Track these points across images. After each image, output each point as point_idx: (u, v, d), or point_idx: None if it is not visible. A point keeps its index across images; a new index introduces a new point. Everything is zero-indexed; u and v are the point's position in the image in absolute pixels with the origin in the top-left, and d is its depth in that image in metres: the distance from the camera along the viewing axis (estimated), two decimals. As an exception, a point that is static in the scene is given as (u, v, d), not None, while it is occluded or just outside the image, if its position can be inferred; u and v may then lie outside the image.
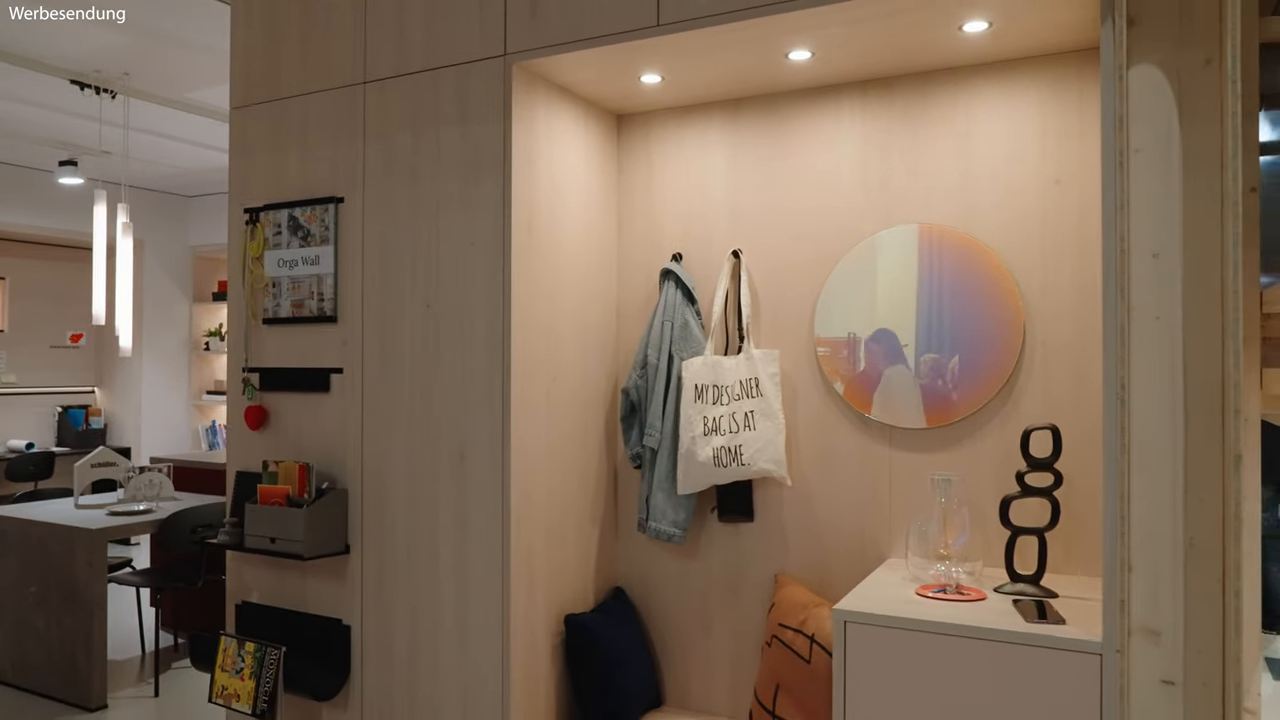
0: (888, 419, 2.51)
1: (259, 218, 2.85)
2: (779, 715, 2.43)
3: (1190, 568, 1.77)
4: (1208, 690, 1.76)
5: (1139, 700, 1.79)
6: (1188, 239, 1.78)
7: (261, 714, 2.59)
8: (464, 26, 2.49)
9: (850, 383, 2.56)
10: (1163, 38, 1.79)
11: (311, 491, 2.62)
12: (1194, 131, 1.77)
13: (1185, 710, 1.77)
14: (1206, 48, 1.76)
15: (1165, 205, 1.79)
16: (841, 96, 2.58)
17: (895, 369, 2.50)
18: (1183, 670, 1.77)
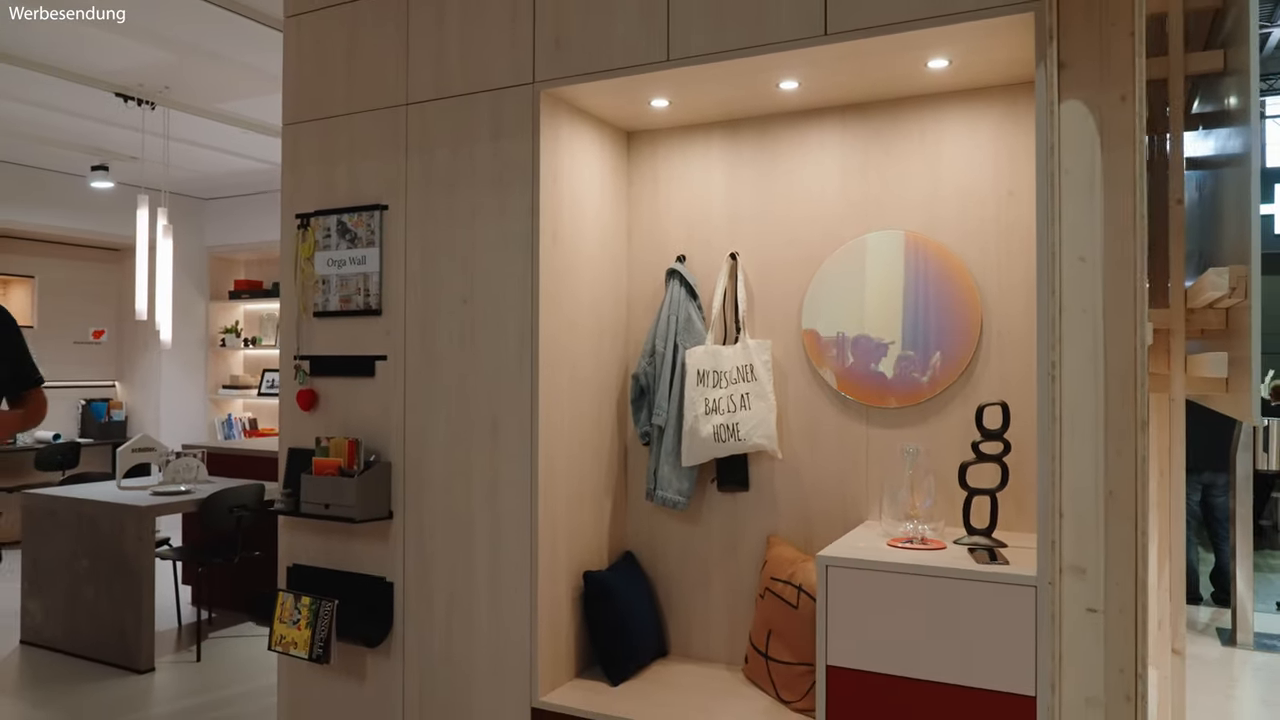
0: (865, 400, 2.88)
1: (309, 222, 3.21)
2: (771, 656, 2.80)
3: (1110, 514, 2.15)
4: (1124, 615, 2.13)
5: (1069, 625, 2.17)
6: (1107, 245, 2.16)
7: (317, 658, 2.95)
8: (497, 58, 2.86)
9: (835, 370, 2.93)
10: (1087, 79, 2.17)
11: (360, 463, 2.98)
12: (1112, 157, 2.15)
13: (1106, 632, 2.15)
14: (1122, 87, 2.14)
15: (1089, 217, 2.17)
16: (825, 119, 2.96)
17: (875, 359, 2.88)
18: (1104, 599, 2.15)
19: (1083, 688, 2.16)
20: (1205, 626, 4.86)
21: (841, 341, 2.93)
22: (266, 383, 7.82)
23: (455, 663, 2.90)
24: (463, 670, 2.88)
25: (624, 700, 2.76)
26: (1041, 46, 2.16)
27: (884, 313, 2.87)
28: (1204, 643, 4.59)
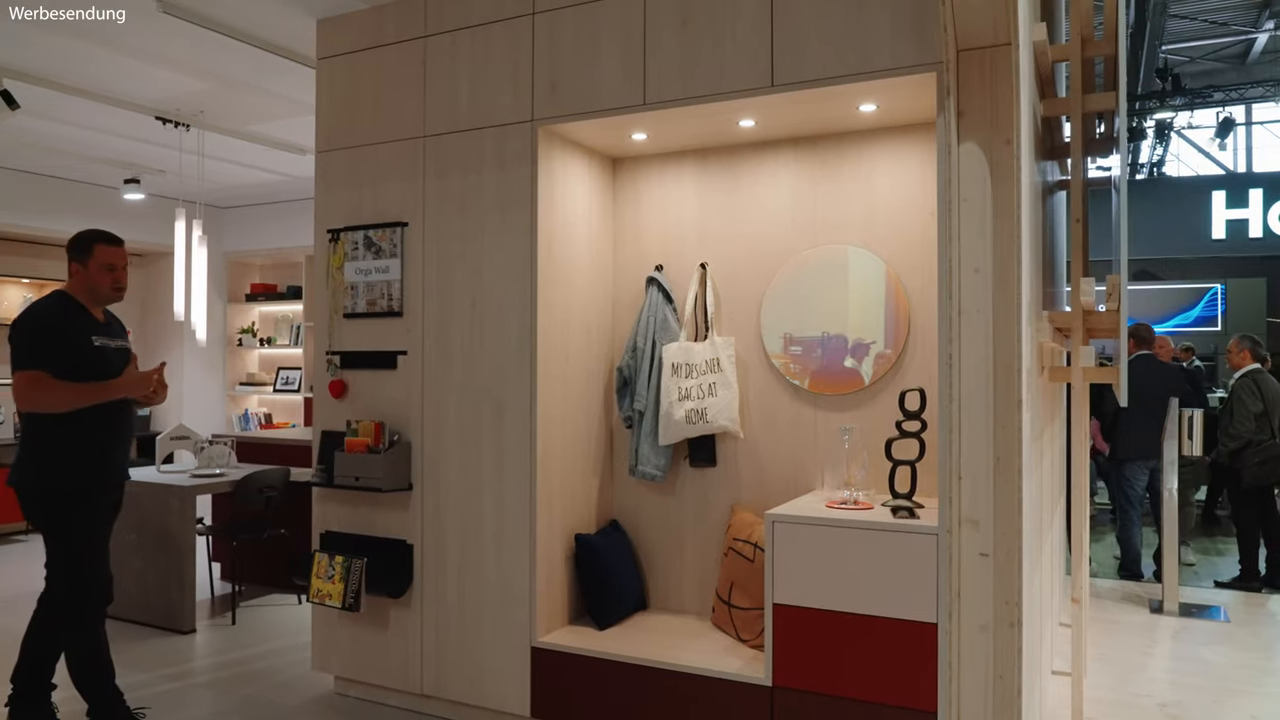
0: (814, 388, 3.41)
1: (340, 236, 3.72)
2: (733, 604, 3.32)
3: (997, 476, 2.66)
4: (1009, 559, 2.65)
5: (965, 567, 2.69)
6: (996, 260, 2.68)
7: (349, 607, 3.47)
8: (502, 99, 3.38)
9: (788, 361, 3.46)
10: (980, 125, 2.69)
11: (385, 442, 3.50)
12: (999, 188, 2.67)
13: (994, 572, 2.66)
14: (1007, 133, 2.65)
15: (981, 237, 2.68)
16: (779, 150, 3.49)
17: (823, 352, 3.40)
18: (993, 545, 2.66)
19: (977, 617, 2.68)
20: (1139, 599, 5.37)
21: (791, 338, 3.45)
22: (281, 380, 8.33)
23: (466, 611, 3.42)
24: (472, 617, 3.40)
25: (609, 641, 3.28)
26: (941, 99, 2.68)
27: (832, 312, 3.39)
28: (1135, 611, 5.11)
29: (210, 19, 3.88)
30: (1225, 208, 13.27)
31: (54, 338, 3.15)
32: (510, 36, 3.37)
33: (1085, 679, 3.85)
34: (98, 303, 3.35)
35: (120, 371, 3.29)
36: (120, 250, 3.35)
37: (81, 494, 3.18)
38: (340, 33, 3.75)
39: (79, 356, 3.18)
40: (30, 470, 3.18)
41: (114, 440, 3.29)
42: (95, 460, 3.22)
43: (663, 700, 3.05)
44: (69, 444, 3.17)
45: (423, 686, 3.50)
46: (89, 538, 3.19)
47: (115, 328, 3.44)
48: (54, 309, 3.25)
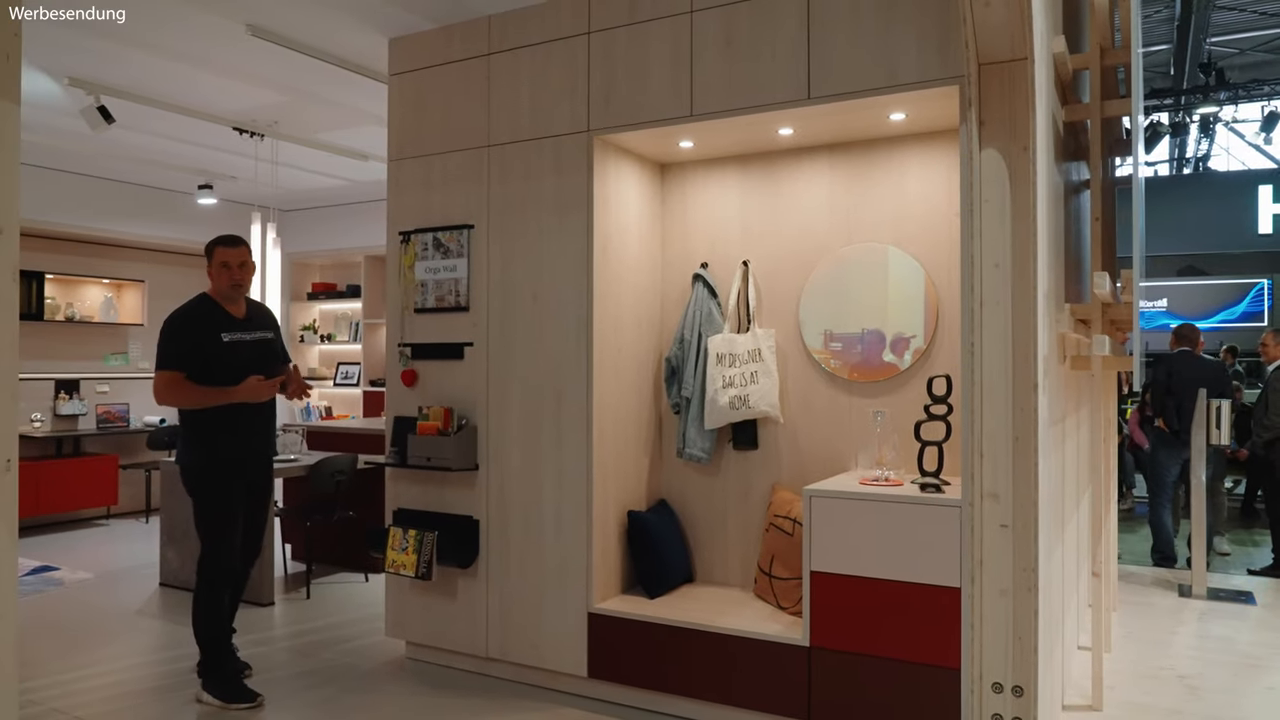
0: (849, 375, 3.67)
1: (410, 238, 4.06)
2: (774, 575, 3.60)
3: (1016, 454, 2.91)
4: (1026, 529, 2.89)
5: (986, 536, 2.94)
6: (1014, 256, 2.92)
7: (422, 576, 3.81)
8: (560, 111, 3.69)
9: (827, 352, 3.73)
10: (999, 133, 2.93)
11: (454, 426, 3.83)
12: (1017, 191, 2.91)
13: (1013, 541, 2.91)
14: (1024, 140, 2.90)
15: (1001, 235, 2.93)
16: (815, 155, 3.76)
17: (859, 343, 3.67)
18: (1012, 517, 2.91)
19: (998, 582, 2.93)
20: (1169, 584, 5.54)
21: (831, 334, 3.72)
22: (340, 374, 8.75)
23: (528, 580, 3.73)
24: (534, 586, 3.72)
25: (660, 608, 3.58)
26: (963, 110, 2.93)
27: (870, 309, 3.66)
28: (1164, 595, 5.29)
29: (292, 40, 4.24)
30: (1272, 202, 13.19)
31: (182, 339, 3.61)
32: (568, 54, 3.68)
33: (1110, 655, 4.07)
34: (228, 299, 3.76)
35: (250, 362, 3.69)
36: (237, 250, 3.77)
37: (207, 469, 3.64)
38: (411, 51, 4.09)
39: (208, 354, 3.61)
40: (179, 448, 3.74)
41: (237, 425, 3.67)
42: (219, 441, 3.65)
43: (709, 660, 3.33)
44: (198, 427, 3.65)
45: (488, 650, 3.83)
46: (217, 509, 3.64)
47: (258, 320, 3.86)
48: (186, 312, 3.71)
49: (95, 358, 8.00)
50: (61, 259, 7.69)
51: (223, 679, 3.62)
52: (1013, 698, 2.84)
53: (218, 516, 3.64)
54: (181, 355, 3.58)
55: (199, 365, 3.59)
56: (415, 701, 3.61)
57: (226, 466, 3.65)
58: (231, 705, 3.54)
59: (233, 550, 3.68)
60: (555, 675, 3.71)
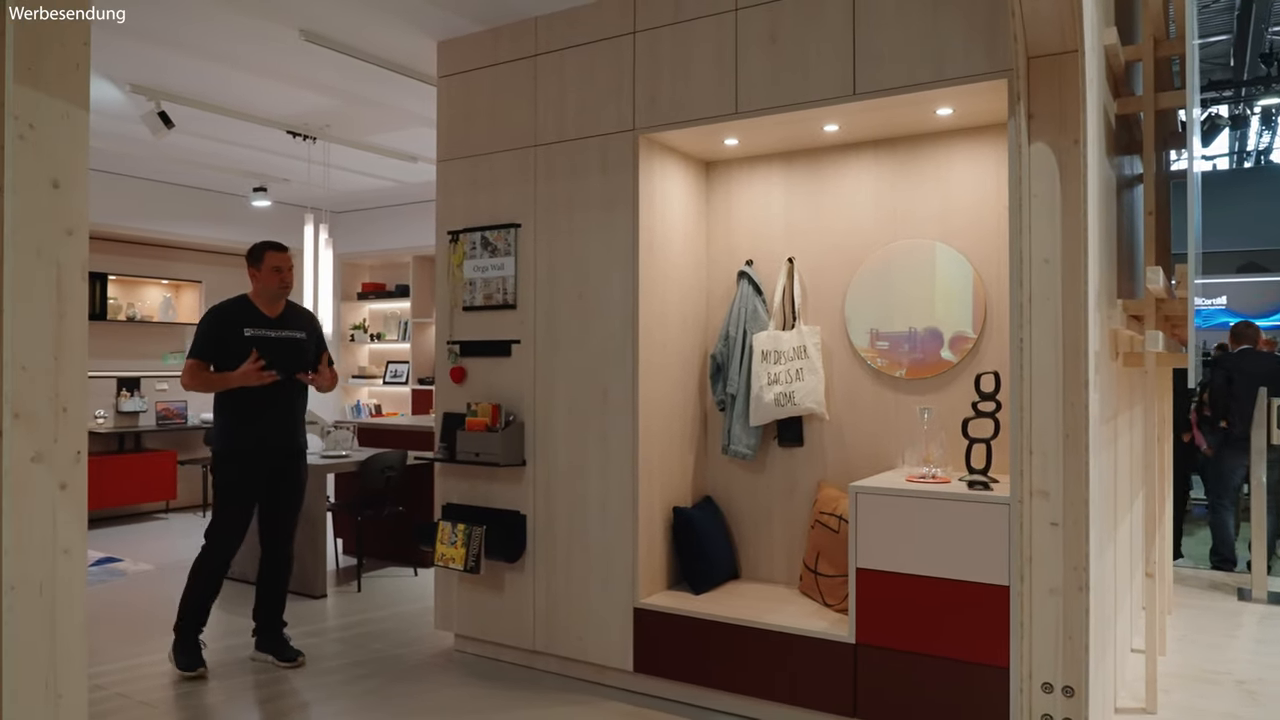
0: (895, 372, 3.65)
1: (459, 237, 4.13)
2: (819, 572, 3.60)
3: (1066, 451, 2.87)
4: (1077, 528, 2.86)
5: (1036, 535, 2.91)
6: (1065, 251, 2.89)
7: (471, 569, 3.87)
8: (606, 110, 3.72)
9: (874, 349, 3.71)
10: (1049, 126, 2.90)
11: (502, 422, 3.89)
12: (1068, 186, 2.87)
13: (1064, 541, 2.87)
14: (1074, 134, 2.86)
15: (1050, 230, 2.90)
16: (861, 151, 3.74)
17: (906, 340, 3.65)
18: (1063, 515, 2.88)
19: (1047, 581, 2.89)
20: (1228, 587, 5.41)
21: (878, 333, 3.70)
22: (390, 373, 8.90)
23: (574, 575, 3.78)
24: (580, 580, 3.76)
25: (705, 604, 3.60)
26: (1012, 104, 2.91)
27: (917, 306, 3.64)
28: (1223, 598, 5.17)
29: (344, 44, 4.34)
30: (1337, 196, 12.76)
31: (207, 331, 3.91)
32: (613, 53, 3.71)
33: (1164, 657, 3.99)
34: (270, 300, 4.00)
35: (271, 358, 3.88)
36: (286, 255, 4.04)
37: (227, 455, 3.93)
38: (459, 53, 4.16)
39: (229, 347, 3.86)
40: (212, 432, 4.03)
41: (257, 417, 3.93)
42: (239, 431, 3.92)
43: (755, 656, 3.34)
44: (221, 415, 3.96)
45: (534, 643, 3.88)
46: (228, 492, 3.94)
47: (291, 321, 4.08)
48: (219, 308, 4.00)
49: (155, 356, 8.23)
50: (123, 260, 7.94)
51: (186, 649, 3.91)
52: (1063, 698, 2.81)
53: (228, 499, 3.93)
54: (205, 348, 3.88)
55: (222, 357, 3.87)
56: (463, 692, 3.67)
57: (244, 455, 3.93)
58: (184, 672, 3.86)
59: (237, 532, 3.93)
60: (601, 669, 3.75)
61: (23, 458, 2.34)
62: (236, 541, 3.95)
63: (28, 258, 2.37)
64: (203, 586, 3.92)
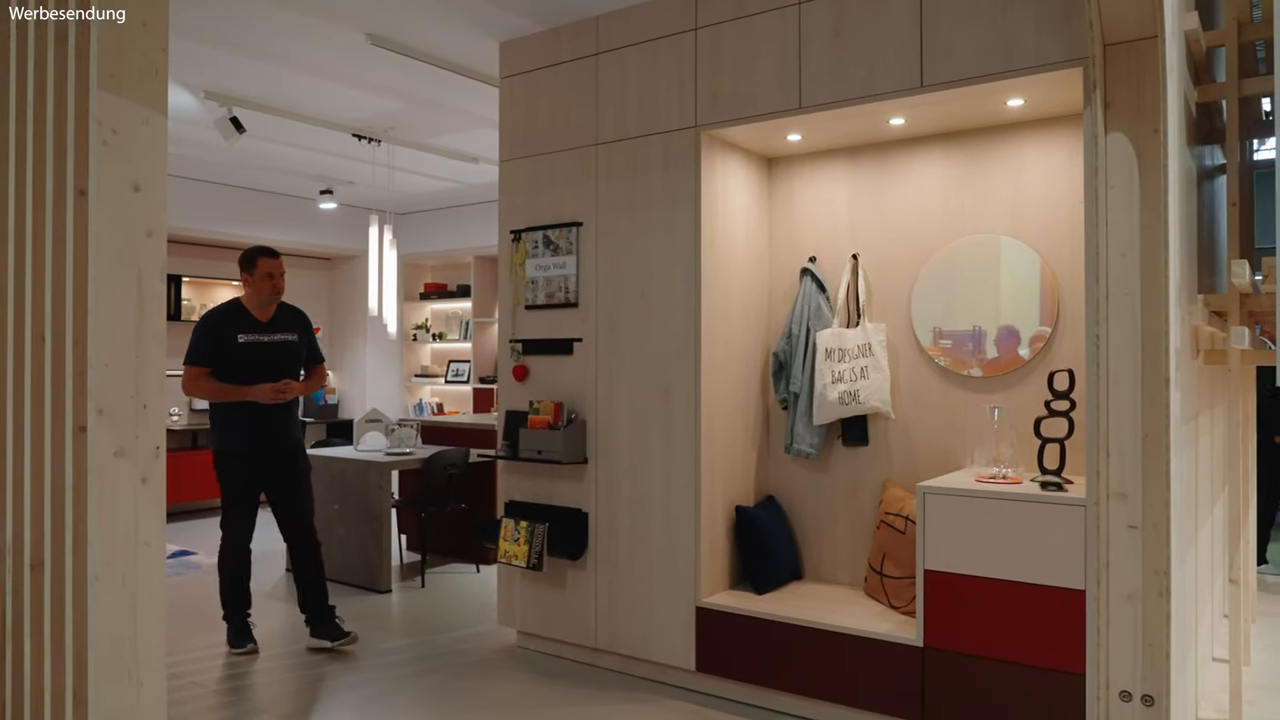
0: (963, 370, 3.58)
1: (521, 236, 4.16)
2: (885, 573, 3.54)
3: (1146, 451, 2.78)
4: (1157, 531, 2.76)
5: (1113, 538, 2.81)
6: (1143, 244, 2.79)
7: (533, 566, 3.89)
8: (667, 108, 3.71)
9: (941, 347, 3.64)
10: (1126, 115, 2.81)
11: (564, 420, 3.90)
12: (1146, 176, 2.78)
13: (1143, 544, 2.78)
14: (1154, 122, 2.76)
15: (1128, 222, 2.80)
16: (928, 145, 3.67)
17: (974, 338, 3.57)
18: (1142, 518, 2.78)
19: (1125, 586, 2.80)
20: (1317, 594, 5.19)
21: (941, 331, 3.63)
22: (451, 372, 9.01)
23: (635, 573, 3.77)
24: (641, 578, 3.76)
25: (768, 604, 3.56)
26: (1088, 93, 2.82)
27: (982, 299, 3.55)
28: (1310, 606, 4.95)
29: (408, 47, 4.40)
30: None
31: (203, 338, 4.06)
32: (675, 50, 3.70)
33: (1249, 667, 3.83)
34: (262, 305, 4.17)
35: (264, 362, 4.12)
36: (278, 261, 4.22)
37: (221, 457, 4.13)
38: (520, 53, 4.19)
39: (224, 351, 4.05)
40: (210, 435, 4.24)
41: (245, 422, 4.10)
42: (230, 436, 4.12)
43: (819, 658, 3.30)
44: (215, 420, 4.17)
45: (596, 641, 3.88)
46: (227, 493, 4.14)
47: (283, 324, 4.24)
48: (213, 314, 4.19)
49: (226, 356, 8.46)
50: (196, 263, 8.17)
51: (235, 628, 4.17)
52: (1142, 707, 2.72)
53: (228, 498, 4.16)
54: (202, 353, 4.05)
55: (219, 362, 4.05)
56: (525, 689, 3.70)
57: (237, 458, 4.12)
58: (233, 649, 4.13)
59: (245, 521, 4.16)
60: (663, 668, 3.74)
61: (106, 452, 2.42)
62: (246, 529, 4.17)
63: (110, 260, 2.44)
64: (230, 572, 4.16)
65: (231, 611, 4.20)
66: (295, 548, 4.28)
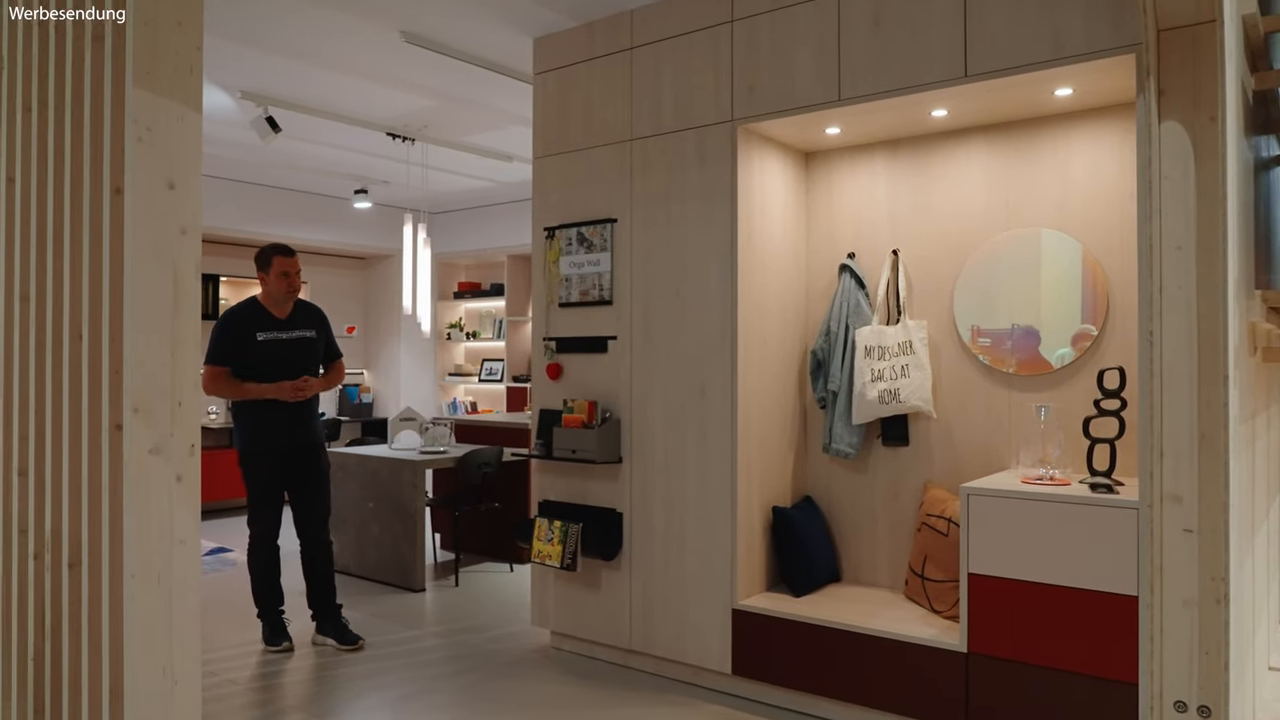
0: (1007, 369, 3.48)
1: (555, 233, 4.12)
2: (926, 576, 3.45)
3: (1202, 452, 2.67)
4: (1214, 535, 2.66)
5: (1168, 542, 2.71)
6: (1199, 238, 2.68)
7: (567, 567, 3.86)
8: (703, 102, 3.65)
9: (983, 345, 3.54)
10: (1182, 103, 2.70)
11: (598, 419, 3.86)
12: (1203, 166, 2.67)
13: (1199, 549, 2.67)
14: (1211, 110, 2.66)
15: (1184, 215, 2.70)
16: (970, 137, 3.58)
17: (1018, 335, 3.47)
18: (1198, 521, 2.68)
19: (1180, 592, 2.70)
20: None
21: (979, 329, 3.53)
22: (485, 371, 9.02)
23: (671, 574, 3.72)
24: (677, 580, 3.70)
25: (806, 607, 3.49)
26: (1141, 80, 2.72)
27: (1027, 295, 3.45)
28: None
29: (442, 44, 4.38)
30: None
31: (222, 337, 4.08)
32: (710, 43, 3.64)
33: (1307, 675, 3.69)
34: (278, 303, 4.20)
35: (284, 359, 4.14)
36: (294, 259, 4.23)
37: (245, 456, 4.16)
38: (554, 49, 4.15)
39: (243, 350, 4.07)
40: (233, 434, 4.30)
41: (268, 421, 4.13)
42: (253, 434, 4.14)
43: (859, 663, 3.22)
44: (238, 420, 4.20)
45: (631, 643, 3.84)
46: (252, 491, 4.17)
47: (301, 320, 4.26)
48: (232, 313, 4.20)
49: (263, 355, 8.54)
50: (233, 262, 8.25)
51: (270, 626, 4.21)
52: (1198, 718, 2.61)
53: (253, 496, 4.18)
54: (223, 353, 4.07)
55: (238, 361, 4.07)
56: (559, 689, 3.66)
57: (260, 456, 4.14)
58: (269, 647, 4.16)
59: (271, 518, 4.19)
60: (698, 671, 3.68)
61: (141, 450, 2.41)
62: (273, 526, 4.20)
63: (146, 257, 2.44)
64: (260, 569, 4.20)
65: (265, 609, 4.22)
66: (307, 546, 4.30)
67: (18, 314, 2.96)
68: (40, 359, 2.85)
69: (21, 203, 2.93)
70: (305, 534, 4.29)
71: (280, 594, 4.26)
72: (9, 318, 3.02)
